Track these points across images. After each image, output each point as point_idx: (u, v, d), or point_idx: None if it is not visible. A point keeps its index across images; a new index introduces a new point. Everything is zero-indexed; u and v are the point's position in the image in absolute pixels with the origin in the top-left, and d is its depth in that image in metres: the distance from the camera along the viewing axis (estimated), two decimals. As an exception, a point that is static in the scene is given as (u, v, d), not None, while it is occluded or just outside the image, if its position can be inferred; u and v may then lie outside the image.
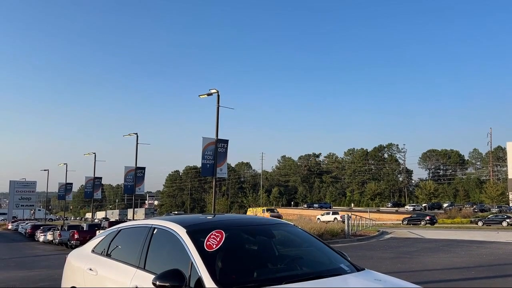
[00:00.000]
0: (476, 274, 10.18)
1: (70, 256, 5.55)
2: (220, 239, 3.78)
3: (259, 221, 5.01)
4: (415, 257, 13.87)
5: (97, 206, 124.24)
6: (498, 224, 39.87)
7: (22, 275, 12.83)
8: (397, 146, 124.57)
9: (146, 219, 4.99)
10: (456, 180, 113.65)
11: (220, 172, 26.00)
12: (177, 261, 3.62)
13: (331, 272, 3.77)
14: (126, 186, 39.48)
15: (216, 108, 25.02)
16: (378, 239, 22.49)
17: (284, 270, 3.89)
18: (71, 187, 59.58)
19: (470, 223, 43.22)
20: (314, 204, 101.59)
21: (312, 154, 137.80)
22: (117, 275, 4.25)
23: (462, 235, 23.80)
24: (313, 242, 4.45)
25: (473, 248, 16.46)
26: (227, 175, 30.71)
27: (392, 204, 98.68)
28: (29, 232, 44.95)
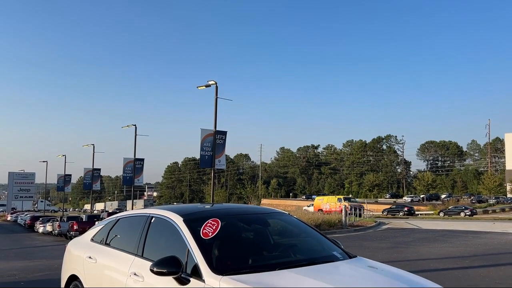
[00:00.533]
0: (470, 263, 10.34)
1: (70, 245, 5.65)
2: (216, 227, 3.87)
3: (254, 210, 5.12)
4: (411, 247, 14.03)
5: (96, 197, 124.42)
6: (457, 215, 42.35)
7: (22, 265, 12.95)
8: (396, 138, 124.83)
9: (143, 209, 5.08)
10: (454, 172, 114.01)
11: (218, 164, 26.11)
12: (174, 248, 3.70)
13: (324, 259, 3.87)
14: (125, 177, 39.61)
15: (214, 99, 25.11)
16: (375, 230, 22.68)
17: (278, 257, 4.00)
18: (70, 179, 59.74)
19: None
20: (313, 195, 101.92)
21: (311, 145, 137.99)
22: (116, 263, 4.35)
23: (458, 225, 23.99)
24: (307, 231, 4.55)
25: (468, 238, 16.64)
26: (225, 166, 30.82)
27: (390, 195, 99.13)
28: (28, 224, 45.13)
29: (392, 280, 3.45)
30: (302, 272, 3.43)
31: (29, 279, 9.77)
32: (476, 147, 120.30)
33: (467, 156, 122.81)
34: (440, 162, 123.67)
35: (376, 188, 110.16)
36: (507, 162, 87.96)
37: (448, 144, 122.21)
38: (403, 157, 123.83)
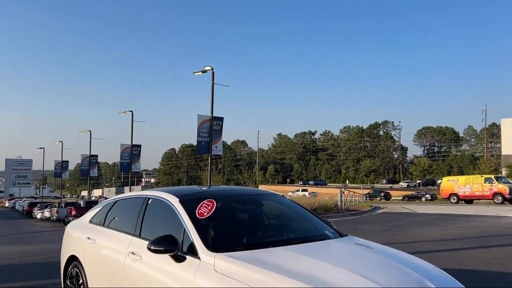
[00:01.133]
0: (462, 245, 10.54)
1: (69, 227, 5.78)
2: (211, 207, 3.99)
3: (249, 192, 5.25)
4: (405, 230, 14.25)
5: (93, 184, 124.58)
6: (418, 199, 44.09)
7: (22, 250, 13.12)
8: (393, 123, 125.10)
9: (140, 191, 5.19)
10: (451, 157, 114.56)
11: (215, 149, 26.22)
12: (171, 228, 3.81)
13: (315, 238, 4.01)
14: (122, 163, 39.71)
15: (211, 85, 25.11)
16: (371, 214, 22.93)
17: (272, 236, 4.14)
18: (67, 165, 59.78)
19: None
20: (310, 181, 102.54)
21: (308, 131, 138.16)
22: (114, 243, 4.48)
23: (453, 209, 24.25)
24: (300, 211, 4.69)
25: (462, 221, 16.88)
26: (222, 152, 30.96)
27: (387, 180, 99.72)
28: (26, 210, 45.34)
29: (379, 256, 3.59)
30: (293, 249, 3.57)
31: (29, 262, 9.93)
32: (473, 133, 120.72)
33: (463, 141, 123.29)
34: (437, 148, 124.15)
35: (373, 173, 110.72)
36: (503, 147, 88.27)
37: (444, 129, 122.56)
38: (399, 142, 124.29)
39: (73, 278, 5.04)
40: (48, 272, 7.93)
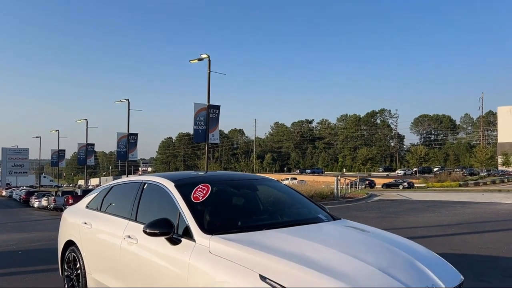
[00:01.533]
0: (456, 230, 10.68)
1: (65, 212, 5.83)
2: (206, 191, 4.04)
3: (244, 177, 5.33)
4: (400, 217, 14.39)
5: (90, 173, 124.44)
6: (396, 187, 45.38)
7: (20, 237, 13.19)
8: (390, 112, 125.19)
9: (136, 176, 5.24)
10: (447, 145, 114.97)
11: (212, 138, 26.25)
12: (166, 212, 3.86)
13: (309, 221, 4.08)
14: (119, 152, 39.69)
15: (207, 73, 25.04)
16: (367, 201, 23.10)
17: (266, 219, 4.19)
18: (64, 154, 59.71)
19: (459, 186, 44.33)
20: (307, 169, 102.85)
21: (305, 120, 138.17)
22: (110, 227, 4.53)
23: (449, 196, 24.47)
24: (294, 196, 4.75)
25: (457, 208, 17.04)
26: (219, 140, 31.01)
27: (384, 168, 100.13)
28: (23, 199, 45.39)
29: (371, 238, 3.66)
30: (286, 231, 3.63)
31: (27, 248, 10.01)
32: (469, 121, 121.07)
33: (460, 129, 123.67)
34: (433, 136, 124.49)
35: (369, 162, 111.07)
36: (499, 135, 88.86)
37: (441, 117, 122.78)
38: (396, 131, 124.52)
39: (71, 262, 5.10)
40: (46, 258, 8.01)
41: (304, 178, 69.19)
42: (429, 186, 47.09)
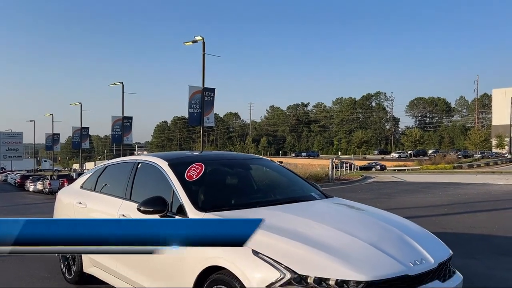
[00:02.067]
0: (448, 211, 10.82)
1: (60, 193, 5.86)
2: (200, 170, 4.06)
3: (237, 156, 5.36)
4: (394, 198, 14.54)
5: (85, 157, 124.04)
6: (369, 170, 45.95)
7: (15, 220, 13.23)
8: (385, 95, 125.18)
9: (130, 156, 5.25)
10: (442, 128, 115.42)
11: (207, 121, 26.19)
12: (160, 191, 3.88)
13: (302, 199, 4.13)
14: (114, 135, 39.59)
15: (202, 55, 24.88)
16: (361, 183, 23.28)
17: (259, 198, 4.24)
18: (58, 138, 59.45)
19: (453, 168, 44.63)
20: (302, 153, 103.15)
21: (301, 103, 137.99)
22: (105, 206, 4.56)
23: (442, 178, 24.68)
24: (288, 175, 4.79)
25: (450, 189, 17.21)
26: (214, 124, 30.97)
27: (378, 151, 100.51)
28: (18, 182, 45.30)
29: (362, 214, 3.72)
30: (279, 208, 3.68)
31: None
32: (464, 103, 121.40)
33: (455, 112, 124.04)
34: (428, 119, 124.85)
35: (365, 145, 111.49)
36: (493, 117, 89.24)
37: (436, 100, 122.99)
38: (392, 114, 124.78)
39: (66, 242, 5.13)
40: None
41: (300, 161, 68.99)
42: (424, 168, 47.37)
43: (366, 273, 2.69)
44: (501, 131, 74.69)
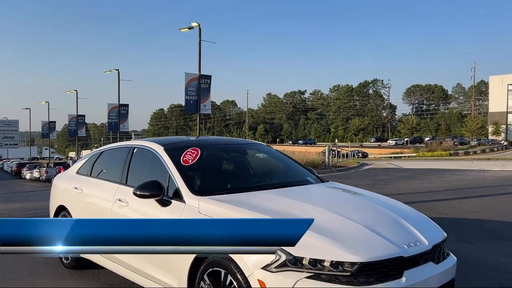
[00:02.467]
0: (444, 196, 10.88)
1: (56, 179, 5.84)
2: (196, 155, 4.06)
3: (233, 141, 5.37)
4: (390, 184, 14.60)
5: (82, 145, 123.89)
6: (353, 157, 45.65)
7: (12, 207, 13.25)
8: (382, 82, 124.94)
9: (126, 141, 5.24)
10: (439, 115, 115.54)
11: (204, 108, 26.10)
12: (156, 176, 3.87)
13: (297, 183, 4.14)
14: (110, 123, 39.45)
15: (198, 42, 24.72)
16: (357, 170, 23.36)
17: (255, 182, 4.25)
18: (54, 126, 59.27)
19: (449, 155, 44.79)
20: (299, 140, 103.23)
21: (298, 91, 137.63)
22: (101, 191, 4.56)
23: (439, 165, 24.78)
24: (284, 160, 4.80)
25: (445, 175, 17.30)
26: (211, 111, 30.84)
27: (375, 139, 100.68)
28: (15, 170, 45.24)
29: (357, 197, 3.73)
30: (275, 192, 3.70)
31: (19, 216, 10.06)
32: (461, 90, 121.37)
33: (452, 99, 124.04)
34: (425, 106, 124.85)
35: (361, 132, 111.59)
36: (490, 104, 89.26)
37: (433, 87, 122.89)
38: (389, 101, 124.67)
39: (63, 227, 5.13)
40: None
41: (297, 149, 68.84)
42: (420, 155, 47.52)
43: (361, 255, 2.71)
44: (498, 118, 74.87)
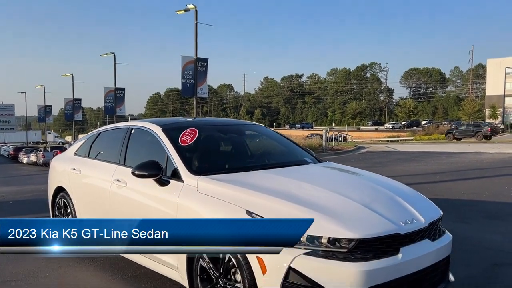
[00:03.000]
0: (440, 178, 10.95)
1: (54, 160, 5.84)
2: (194, 135, 4.06)
3: (231, 122, 5.37)
4: (387, 166, 14.67)
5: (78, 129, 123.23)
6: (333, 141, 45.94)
7: (10, 190, 13.26)
8: (380, 65, 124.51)
9: (123, 122, 5.23)
10: (436, 98, 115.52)
11: (200, 92, 26.00)
12: (154, 156, 3.87)
13: (295, 163, 4.16)
14: (107, 107, 39.26)
15: (194, 25, 24.50)
16: (354, 153, 23.46)
17: (253, 162, 4.27)
18: (50, 110, 58.93)
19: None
20: (296, 124, 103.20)
21: (295, 75, 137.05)
22: (99, 172, 4.57)
23: (435, 148, 24.88)
24: (281, 141, 4.81)
25: (442, 158, 17.38)
26: (207, 94, 30.73)
27: (372, 122, 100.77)
28: (12, 155, 45.19)
29: (354, 176, 3.76)
30: (273, 171, 3.72)
31: (17, 199, 10.11)
32: (459, 74, 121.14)
33: (449, 82, 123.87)
34: (423, 89, 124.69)
35: (359, 116, 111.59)
36: (487, 88, 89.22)
37: (431, 71, 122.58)
38: (386, 84, 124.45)
39: (61, 208, 5.16)
40: (37, 207, 8.10)
41: (294, 133, 68.81)
42: (417, 139, 47.62)
43: (358, 231, 2.74)
44: (495, 101, 74.93)
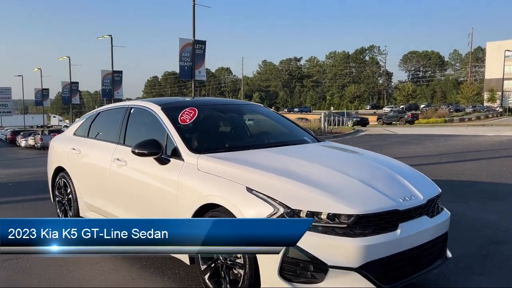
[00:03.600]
0: (439, 160, 11.00)
1: (53, 141, 5.84)
2: (193, 115, 4.06)
3: (231, 102, 5.37)
4: (385, 149, 14.69)
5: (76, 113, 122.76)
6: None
7: (8, 172, 13.26)
8: (379, 48, 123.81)
9: (122, 102, 5.22)
10: (435, 82, 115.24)
11: (198, 75, 25.86)
12: (154, 135, 3.87)
13: (294, 142, 4.17)
14: (104, 90, 39.10)
15: (192, 6, 24.27)
16: (353, 136, 23.49)
17: (253, 141, 4.28)
18: (47, 93, 58.65)
19: (444, 122, 44.94)
20: (295, 108, 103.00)
21: (294, 58, 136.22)
22: (99, 151, 4.57)
23: (433, 131, 24.91)
24: (281, 120, 4.81)
25: (440, 140, 17.42)
26: (205, 77, 30.58)
27: (371, 106, 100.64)
28: (9, 138, 45.10)
29: (353, 155, 3.78)
30: (272, 150, 3.74)
31: (16, 181, 10.13)
32: (458, 57, 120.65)
33: (448, 66, 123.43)
34: (422, 73, 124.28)
35: (357, 99, 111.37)
36: (486, 71, 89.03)
37: (430, 54, 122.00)
38: (385, 68, 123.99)
39: (61, 188, 5.18)
40: (36, 188, 8.12)
41: (292, 116, 68.58)
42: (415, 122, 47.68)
43: (357, 207, 2.76)
44: (493, 85, 74.78)
